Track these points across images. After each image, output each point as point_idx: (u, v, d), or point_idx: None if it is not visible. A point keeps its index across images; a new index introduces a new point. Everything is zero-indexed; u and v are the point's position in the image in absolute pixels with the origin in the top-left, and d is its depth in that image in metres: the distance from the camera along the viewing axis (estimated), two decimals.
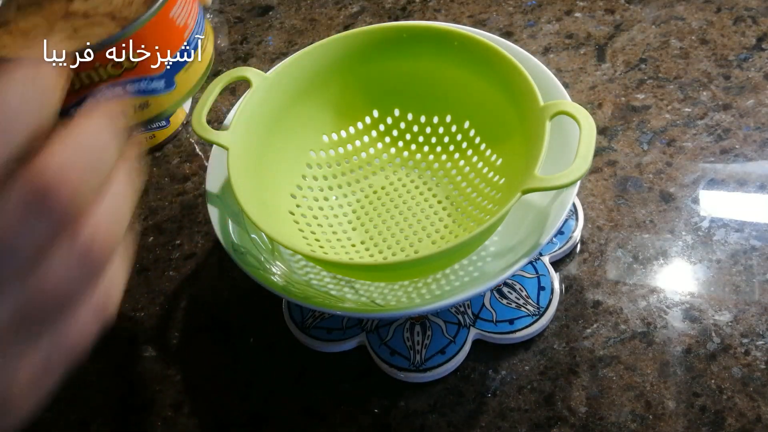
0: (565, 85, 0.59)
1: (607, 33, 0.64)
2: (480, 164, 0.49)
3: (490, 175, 0.48)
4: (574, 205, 0.51)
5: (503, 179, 0.46)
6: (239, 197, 0.40)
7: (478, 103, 0.47)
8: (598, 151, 0.55)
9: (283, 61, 0.48)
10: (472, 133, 0.49)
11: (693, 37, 0.62)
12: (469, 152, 0.50)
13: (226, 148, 0.43)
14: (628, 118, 0.57)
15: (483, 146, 0.49)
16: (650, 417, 0.41)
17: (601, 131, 0.56)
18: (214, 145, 0.49)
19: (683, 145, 0.54)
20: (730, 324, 0.44)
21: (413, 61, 0.48)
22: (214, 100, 0.45)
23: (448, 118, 0.50)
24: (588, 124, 0.38)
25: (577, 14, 0.66)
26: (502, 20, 0.67)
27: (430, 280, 0.44)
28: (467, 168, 0.50)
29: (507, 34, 0.66)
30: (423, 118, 0.51)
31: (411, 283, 0.45)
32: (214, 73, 0.46)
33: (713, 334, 0.44)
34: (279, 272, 0.43)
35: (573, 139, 0.39)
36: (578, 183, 0.41)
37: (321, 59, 0.47)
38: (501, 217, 0.37)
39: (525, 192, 0.37)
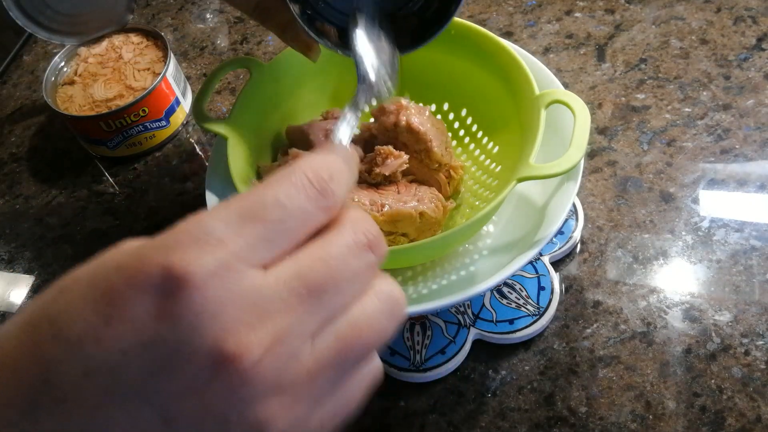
0: (565, 85, 0.59)
1: (607, 33, 0.64)
2: (477, 152, 0.49)
3: (487, 162, 0.48)
4: (574, 205, 0.51)
5: (500, 167, 0.46)
6: (239, 188, 0.40)
7: (475, 91, 0.47)
8: (598, 151, 0.55)
9: (282, 51, 0.48)
10: (469, 120, 0.50)
11: (693, 37, 0.62)
12: (467, 140, 0.50)
13: (226, 137, 0.43)
14: (628, 118, 0.57)
15: (480, 134, 0.49)
16: (650, 417, 0.41)
17: (601, 131, 0.56)
18: (214, 146, 0.49)
19: (683, 145, 0.54)
20: (730, 324, 0.44)
21: None
22: (215, 90, 0.46)
23: (446, 106, 0.50)
24: (582, 113, 0.38)
25: (577, 14, 0.66)
26: (502, 20, 0.67)
27: (430, 279, 0.44)
28: (464, 155, 0.50)
29: (507, 34, 0.66)
30: None
31: (411, 283, 0.45)
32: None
33: (713, 334, 0.44)
34: None
35: (570, 131, 0.39)
36: (578, 182, 0.41)
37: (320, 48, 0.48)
38: (496, 206, 0.37)
39: (520, 180, 0.37)
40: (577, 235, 0.49)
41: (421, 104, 0.47)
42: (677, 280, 0.47)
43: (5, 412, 0.18)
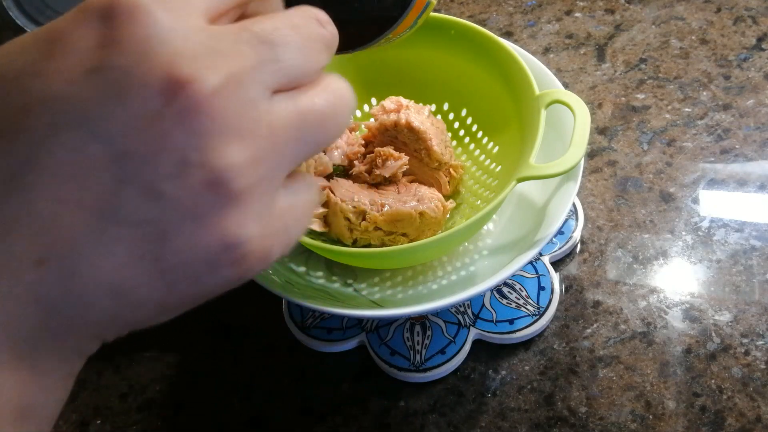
0: (565, 85, 0.59)
1: (607, 33, 0.64)
2: (477, 152, 0.49)
3: (487, 162, 0.48)
4: (574, 205, 0.51)
5: (500, 167, 0.46)
6: None
7: (475, 91, 0.47)
8: (598, 151, 0.55)
9: None
10: (469, 120, 0.50)
11: (693, 37, 0.62)
12: (467, 140, 0.50)
13: None
14: (628, 118, 0.57)
15: (480, 134, 0.49)
16: (650, 417, 0.41)
17: (601, 131, 0.56)
18: None
19: (683, 145, 0.54)
20: (730, 324, 0.44)
21: (410, 50, 0.48)
22: None
23: (446, 106, 0.50)
24: (582, 113, 0.38)
25: (577, 14, 0.66)
26: (502, 20, 0.67)
27: (431, 279, 0.44)
28: (464, 156, 0.50)
29: (507, 34, 0.66)
30: None
31: (411, 283, 0.45)
32: None
33: (713, 334, 0.44)
34: (278, 272, 0.43)
35: (570, 131, 0.39)
36: (578, 182, 0.41)
37: None
38: (496, 206, 0.37)
39: (520, 180, 0.37)
40: (577, 235, 0.49)
41: (420, 104, 0.47)
42: (677, 280, 0.47)
43: None
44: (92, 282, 0.17)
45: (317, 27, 0.20)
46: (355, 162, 0.46)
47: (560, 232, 0.49)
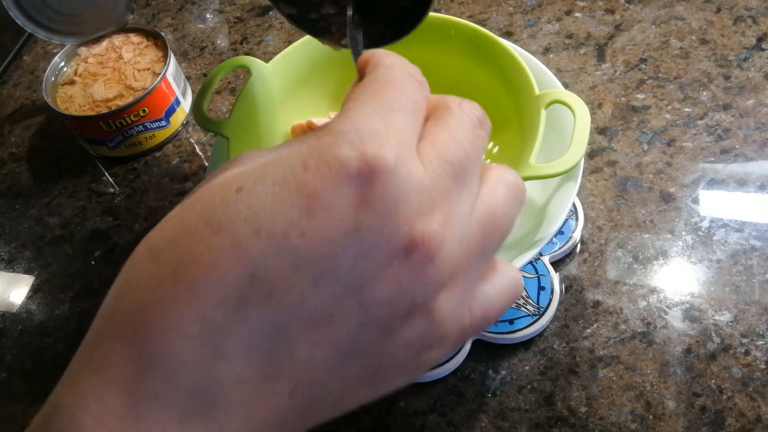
0: (565, 85, 0.59)
1: (607, 33, 0.64)
2: None
3: (487, 162, 0.48)
4: (574, 205, 0.51)
5: None
6: None
7: (474, 91, 0.47)
8: (598, 151, 0.55)
9: (282, 51, 0.48)
10: None
11: (693, 37, 0.62)
12: None
13: (227, 138, 0.43)
14: (628, 118, 0.57)
15: None
16: (650, 417, 0.41)
17: (601, 131, 0.56)
18: (214, 146, 0.49)
19: (683, 145, 0.54)
20: (730, 324, 0.44)
21: (410, 50, 0.48)
22: (215, 90, 0.46)
23: None
24: (582, 113, 0.38)
25: (577, 14, 0.66)
26: (502, 20, 0.67)
27: None
28: None
29: (507, 34, 0.66)
30: None
31: None
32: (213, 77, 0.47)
33: (713, 334, 0.44)
34: None
35: (570, 131, 0.39)
36: (578, 182, 0.41)
37: (319, 48, 0.47)
38: None
39: None
40: (577, 235, 0.49)
41: None
42: (677, 280, 0.47)
43: (212, 313, 0.18)
44: (325, 401, 0.21)
45: (481, 131, 0.23)
46: None
47: (560, 232, 0.49)
